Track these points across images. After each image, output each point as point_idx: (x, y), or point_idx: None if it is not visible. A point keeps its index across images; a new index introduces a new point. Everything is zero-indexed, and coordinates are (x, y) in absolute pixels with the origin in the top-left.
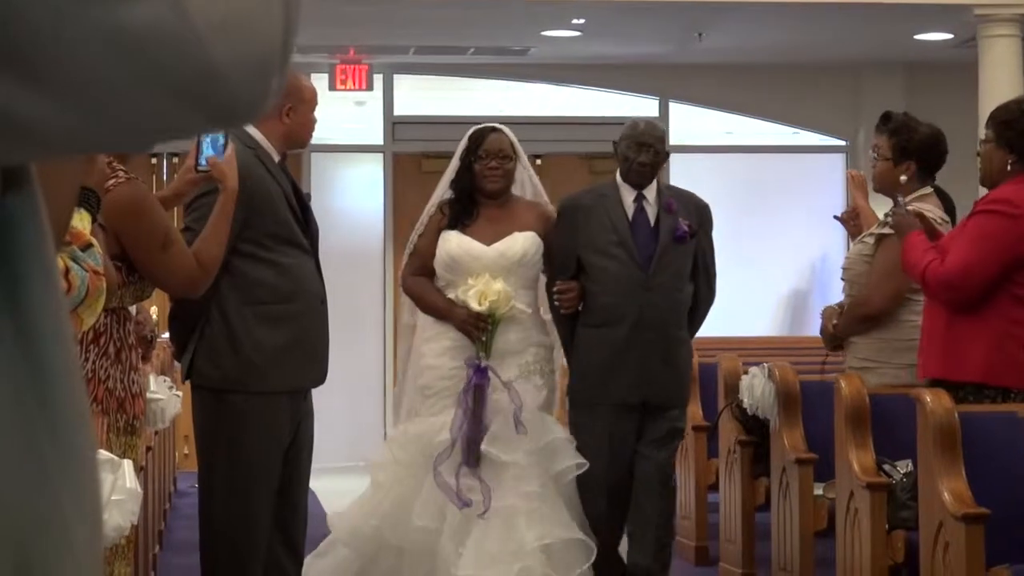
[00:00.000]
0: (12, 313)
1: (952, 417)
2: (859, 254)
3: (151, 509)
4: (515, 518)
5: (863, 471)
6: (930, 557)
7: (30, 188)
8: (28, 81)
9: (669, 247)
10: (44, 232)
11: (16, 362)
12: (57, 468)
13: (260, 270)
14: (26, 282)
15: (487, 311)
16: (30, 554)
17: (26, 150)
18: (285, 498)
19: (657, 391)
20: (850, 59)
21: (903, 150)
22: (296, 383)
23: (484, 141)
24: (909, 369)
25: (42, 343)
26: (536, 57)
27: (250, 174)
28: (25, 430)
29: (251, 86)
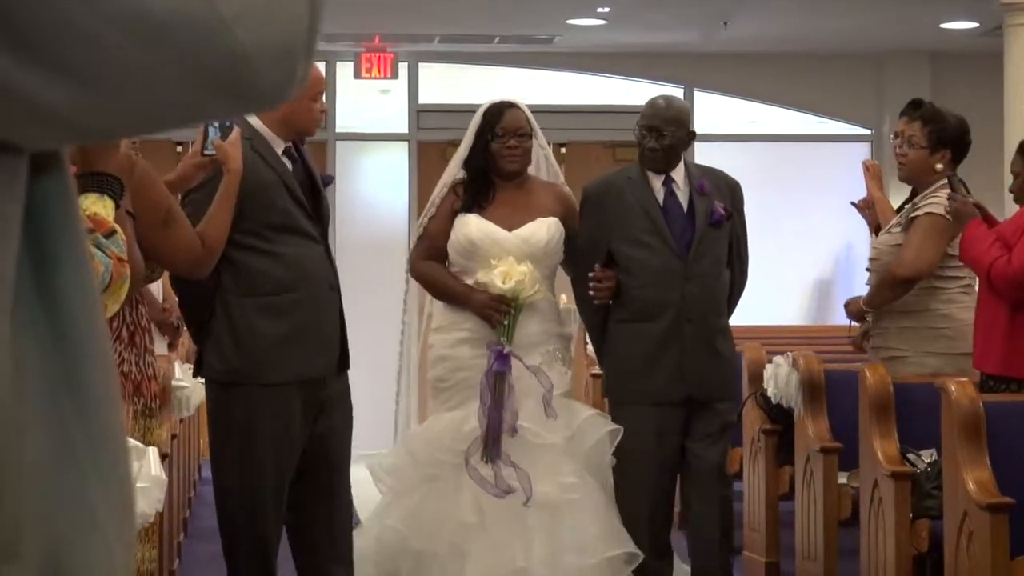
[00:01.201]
0: (43, 296)
1: (977, 407)
2: (887, 244)
3: (176, 496)
4: (559, 512)
5: (887, 460)
6: (954, 547)
7: (60, 172)
8: (54, 69)
9: (706, 232)
10: (74, 215)
11: (46, 345)
12: (85, 450)
13: (260, 261)
14: (57, 265)
15: (512, 293)
16: (58, 536)
17: (54, 135)
18: (317, 486)
19: (703, 385)
20: (875, 48)
21: (939, 138)
22: (304, 372)
23: (502, 118)
24: (938, 357)
25: (73, 326)
26: (561, 45)
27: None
28: (54, 412)
29: (276, 70)
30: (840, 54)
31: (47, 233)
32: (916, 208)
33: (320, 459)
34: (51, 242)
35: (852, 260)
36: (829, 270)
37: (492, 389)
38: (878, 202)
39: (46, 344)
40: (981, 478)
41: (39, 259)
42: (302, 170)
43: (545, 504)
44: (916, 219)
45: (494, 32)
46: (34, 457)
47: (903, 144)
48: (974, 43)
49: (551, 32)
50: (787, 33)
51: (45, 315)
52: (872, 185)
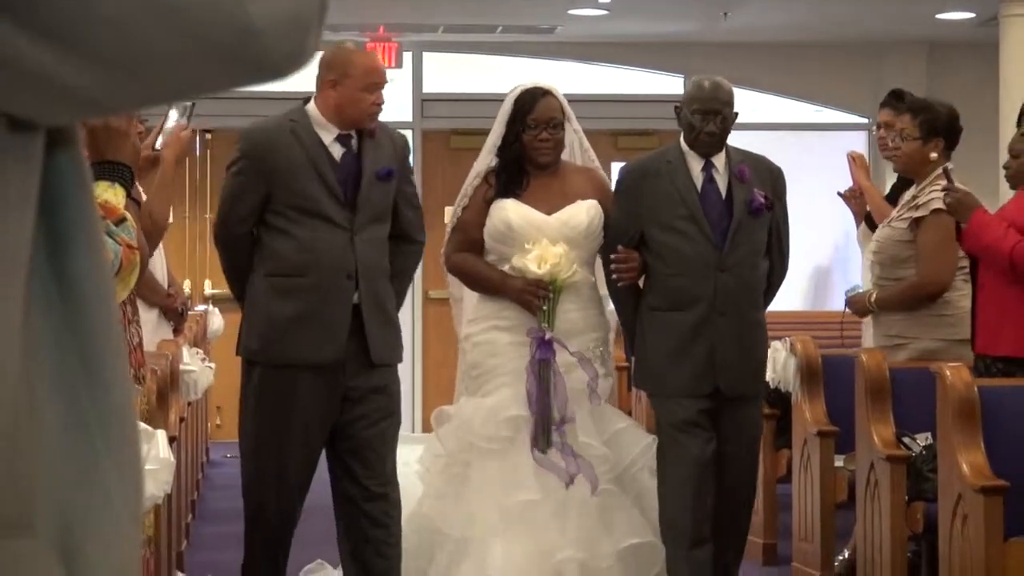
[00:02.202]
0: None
1: (971, 391)
2: (892, 239)
3: (184, 479)
4: (594, 513)
5: (883, 443)
6: (949, 528)
7: (73, 147)
8: (75, 50)
9: (744, 221)
10: (88, 190)
11: (59, 325)
12: (98, 429)
13: (280, 242)
14: (71, 243)
15: (549, 276)
16: (70, 511)
17: (71, 112)
18: (353, 476)
19: (732, 380)
20: (872, 38)
21: (931, 128)
22: (311, 358)
23: (534, 109)
24: (943, 343)
25: (86, 306)
26: (563, 35)
27: (272, 147)
28: (67, 392)
29: (288, 42)
30: (838, 44)
31: (61, 209)
32: (919, 205)
33: (353, 447)
34: (65, 219)
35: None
36: (827, 257)
37: (538, 377)
38: (866, 191)
39: (59, 324)
40: (975, 461)
41: (54, 237)
42: (356, 160)
43: (584, 503)
44: (924, 220)
45: (497, 22)
46: (48, 435)
47: (895, 137)
48: (970, 33)
49: (553, 22)
50: (786, 23)
51: (59, 294)
52: (859, 175)
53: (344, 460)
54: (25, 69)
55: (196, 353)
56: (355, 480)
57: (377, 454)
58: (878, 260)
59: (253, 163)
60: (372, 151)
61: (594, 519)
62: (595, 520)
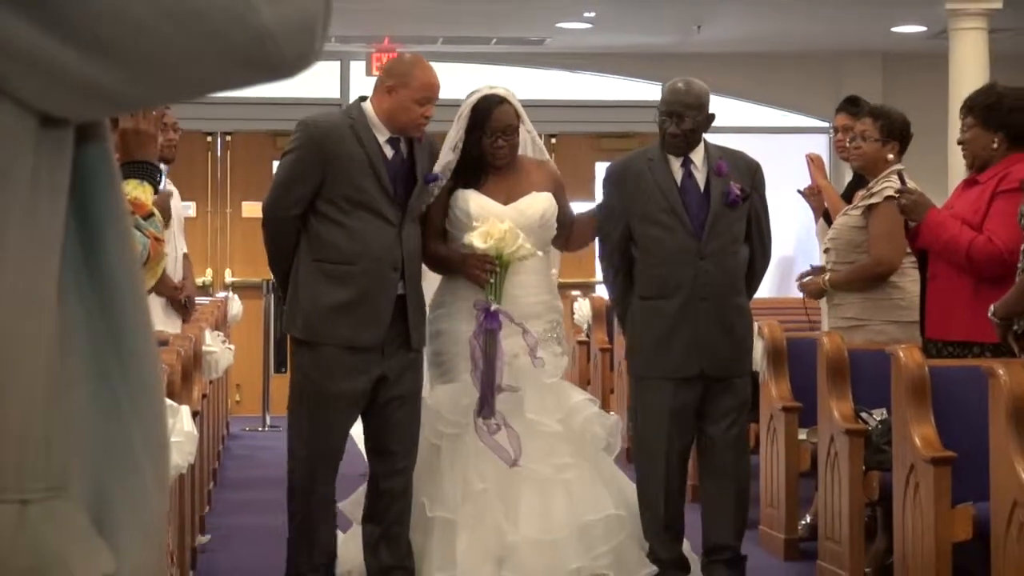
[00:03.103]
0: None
1: (923, 370)
2: (847, 225)
3: (206, 450)
4: (551, 489)
5: (843, 418)
6: (902, 496)
7: (103, 141)
8: (99, 49)
9: (721, 212)
10: (116, 182)
11: (92, 306)
12: (128, 402)
13: (331, 230)
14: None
15: (495, 250)
16: (102, 476)
17: (101, 109)
18: (381, 452)
19: (716, 362)
20: (833, 49)
21: (889, 132)
22: (351, 340)
23: (490, 117)
24: (895, 326)
25: (115, 287)
26: (551, 47)
27: (330, 139)
28: (99, 368)
29: (297, 44)
30: (801, 55)
31: (92, 200)
32: (872, 195)
33: (386, 426)
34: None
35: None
36: (791, 248)
37: (484, 348)
38: (824, 189)
39: (92, 306)
40: (926, 434)
41: (85, 226)
42: (405, 162)
43: (538, 481)
44: (876, 207)
45: (491, 35)
46: (81, 408)
47: (856, 138)
48: (922, 45)
49: (542, 34)
50: (754, 36)
51: (90, 279)
52: (817, 174)
53: (375, 438)
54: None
55: (217, 336)
56: (381, 457)
57: (405, 434)
58: (834, 246)
59: (311, 152)
60: (420, 154)
61: (550, 495)
62: (551, 496)
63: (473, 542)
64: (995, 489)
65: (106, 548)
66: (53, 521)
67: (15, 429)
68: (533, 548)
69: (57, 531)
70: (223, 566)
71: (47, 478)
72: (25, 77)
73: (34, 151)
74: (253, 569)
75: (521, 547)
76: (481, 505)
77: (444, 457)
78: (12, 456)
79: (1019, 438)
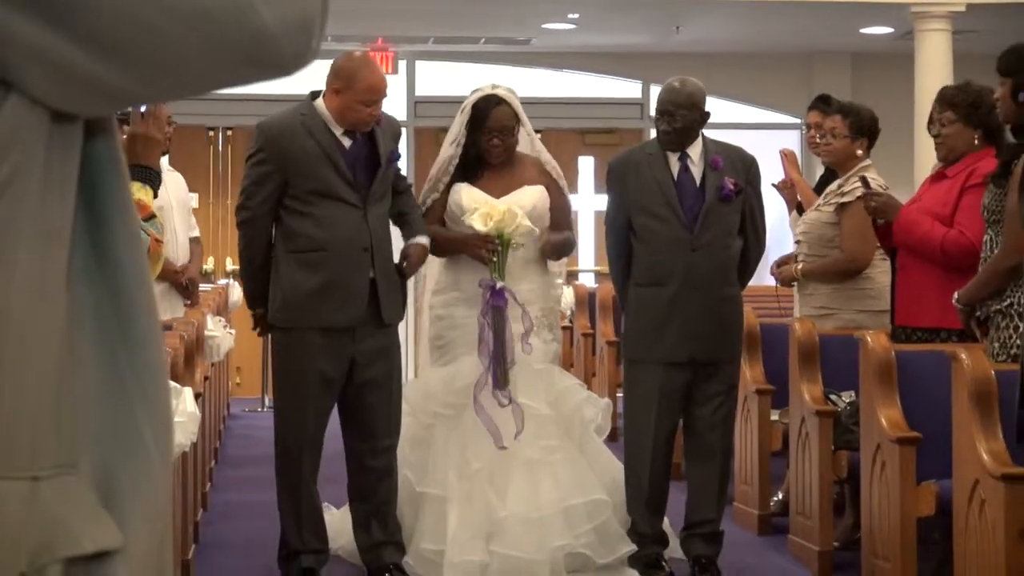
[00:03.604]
0: (97, 249)
1: (889, 355)
2: (819, 220)
3: (208, 429)
4: (539, 470)
5: (813, 400)
6: (869, 474)
7: (111, 137)
8: (108, 49)
9: (715, 206)
10: (123, 176)
11: (100, 292)
12: (133, 382)
13: (300, 222)
14: (108, 218)
15: (495, 230)
16: (109, 452)
17: (108, 104)
18: (358, 431)
19: (704, 348)
20: (804, 49)
21: (858, 128)
22: (327, 322)
23: (488, 117)
24: (865, 315)
25: (122, 274)
26: (537, 47)
27: (285, 137)
28: (107, 351)
29: (295, 44)
30: (774, 54)
31: (100, 189)
32: (843, 192)
33: (360, 408)
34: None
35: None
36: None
37: (492, 325)
38: (797, 183)
39: (100, 292)
40: (892, 416)
41: (93, 215)
42: (364, 148)
43: (527, 462)
44: (848, 206)
45: (480, 34)
46: (89, 389)
47: (826, 135)
48: (889, 46)
49: (529, 35)
50: (729, 36)
51: (98, 265)
52: (790, 169)
53: (354, 419)
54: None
55: (219, 321)
56: (363, 438)
57: (383, 414)
58: (806, 240)
59: (271, 154)
60: (382, 138)
61: (538, 475)
62: (538, 476)
63: (464, 518)
64: (957, 467)
65: (113, 522)
66: (62, 497)
67: (28, 410)
68: (520, 525)
69: (66, 506)
70: (224, 539)
71: (57, 456)
72: (37, 75)
73: (46, 144)
74: (252, 541)
75: (509, 523)
76: (474, 484)
77: (438, 436)
78: (25, 435)
79: (980, 419)
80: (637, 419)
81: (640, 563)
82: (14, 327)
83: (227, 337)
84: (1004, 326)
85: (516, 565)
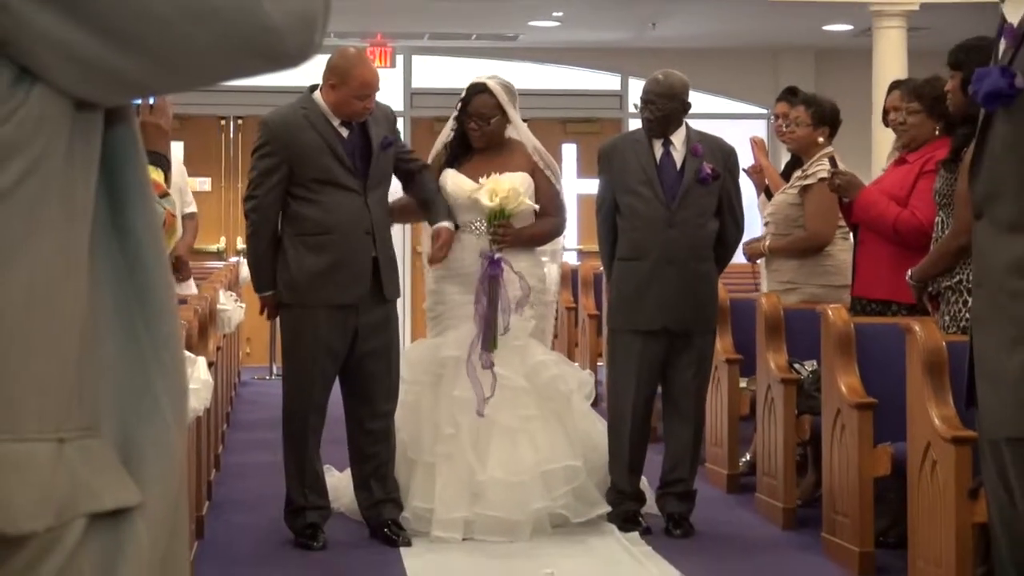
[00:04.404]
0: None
1: (849, 327)
2: (786, 202)
3: (220, 395)
4: (517, 437)
5: (778, 369)
6: (830, 436)
7: (129, 123)
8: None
9: (692, 187)
10: (141, 159)
11: (118, 265)
12: (151, 352)
13: (306, 208)
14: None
15: (500, 205)
16: (128, 417)
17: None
18: (358, 399)
19: (678, 319)
20: (771, 44)
21: (820, 118)
22: (334, 299)
23: (470, 103)
24: (826, 289)
25: (141, 252)
26: (524, 42)
27: (288, 131)
28: (126, 322)
29: (299, 38)
30: (743, 49)
31: (119, 171)
32: (807, 175)
33: (362, 377)
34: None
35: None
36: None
37: (487, 292)
38: (765, 168)
39: (119, 266)
40: (851, 383)
41: (113, 196)
42: (360, 137)
43: (506, 430)
44: (811, 188)
45: (471, 31)
46: (110, 358)
47: (791, 124)
48: (850, 42)
49: (516, 31)
50: (702, 33)
51: (118, 241)
52: (759, 155)
53: (356, 387)
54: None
55: (230, 295)
56: (364, 404)
57: (383, 382)
58: (773, 220)
59: (276, 147)
60: (374, 127)
61: (516, 441)
62: (517, 442)
63: (449, 480)
64: (911, 431)
65: (132, 481)
66: (85, 457)
67: (53, 377)
68: (501, 488)
69: (89, 466)
70: (235, 497)
71: (80, 420)
72: (61, 67)
73: (69, 130)
74: (261, 499)
75: (489, 486)
76: (453, 447)
77: (424, 403)
78: (51, 401)
79: (932, 387)
80: (618, 386)
81: (619, 518)
82: (40, 300)
83: (237, 310)
84: (954, 301)
85: (498, 524)
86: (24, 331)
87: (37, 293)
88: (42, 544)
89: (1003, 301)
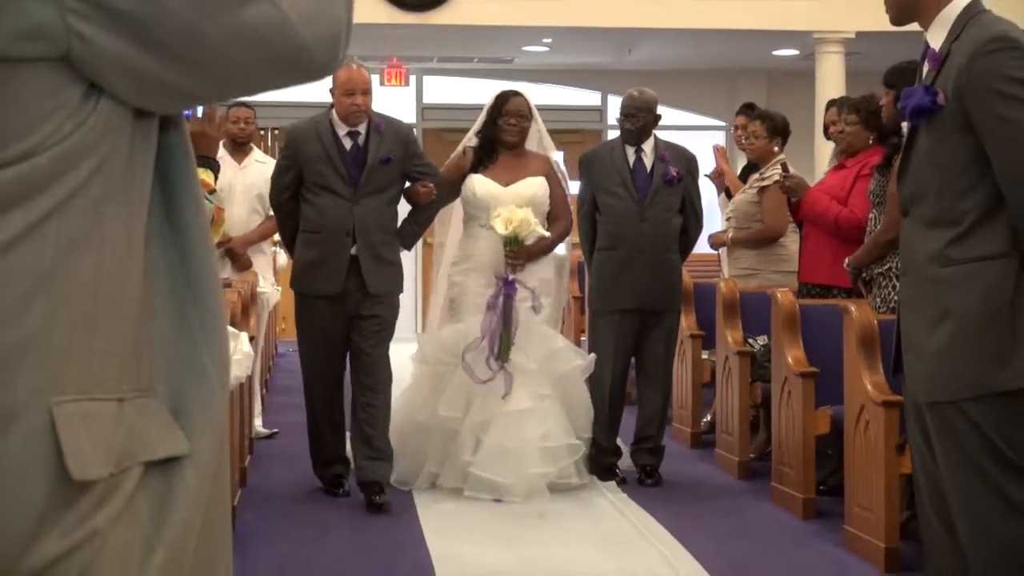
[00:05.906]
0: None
1: (795, 308)
2: (745, 201)
3: (259, 365)
4: (524, 415)
5: (735, 343)
6: (779, 400)
7: (180, 129)
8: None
9: (660, 188)
10: (191, 159)
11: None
12: (198, 325)
13: (307, 208)
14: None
15: (512, 235)
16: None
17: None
18: (358, 377)
19: (649, 299)
20: (729, 67)
21: (774, 130)
22: (320, 290)
23: (508, 102)
24: (780, 274)
25: (190, 237)
26: (518, 64)
27: (299, 140)
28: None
29: (326, 55)
30: (705, 71)
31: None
32: (764, 178)
33: (360, 357)
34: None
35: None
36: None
37: (501, 311)
38: (725, 172)
39: (170, 250)
40: (797, 355)
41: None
42: (362, 150)
43: (517, 409)
44: (767, 189)
45: (474, 54)
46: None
47: (749, 136)
48: (796, 64)
49: (512, 55)
50: (670, 57)
51: (170, 229)
52: (721, 161)
53: (355, 366)
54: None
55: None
56: (361, 373)
57: (374, 358)
58: (735, 216)
59: (290, 153)
60: (377, 143)
61: (524, 417)
62: (524, 417)
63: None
64: (848, 396)
65: (182, 434)
66: (141, 414)
67: (116, 346)
68: (497, 453)
69: (144, 421)
70: (273, 451)
71: (138, 382)
72: (126, 83)
73: (129, 135)
74: (295, 453)
75: (485, 449)
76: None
77: (448, 381)
78: (113, 366)
79: (866, 358)
80: (600, 357)
81: (598, 468)
82: (106, 280)
83: (274, 293)
84: (884, 285)
85: (490, 485)
86: (93, 308)
87: (103, 275)
88: (106, 488)
89: (926, 286)
